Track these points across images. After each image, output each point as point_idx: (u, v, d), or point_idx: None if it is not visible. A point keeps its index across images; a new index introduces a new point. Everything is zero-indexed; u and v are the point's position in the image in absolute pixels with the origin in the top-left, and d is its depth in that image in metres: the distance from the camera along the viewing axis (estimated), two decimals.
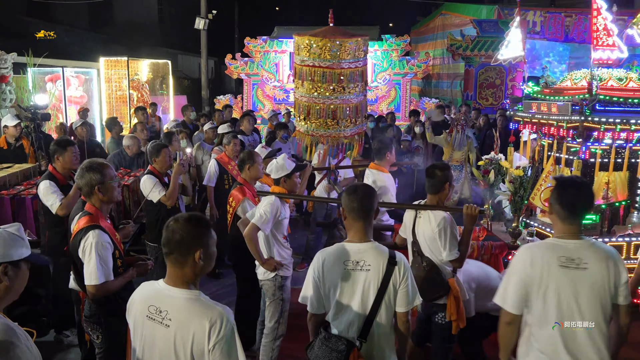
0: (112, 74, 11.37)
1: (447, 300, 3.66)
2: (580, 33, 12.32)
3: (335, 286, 2.79)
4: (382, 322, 2.78)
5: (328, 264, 2.81)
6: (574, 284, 2.54)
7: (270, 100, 13.32)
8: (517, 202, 5.03)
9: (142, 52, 16.41)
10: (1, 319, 1.94)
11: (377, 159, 5.24)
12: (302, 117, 5.84)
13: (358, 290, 2.76)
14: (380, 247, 2.83)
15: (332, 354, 2.73)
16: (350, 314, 2.79)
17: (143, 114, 9.17)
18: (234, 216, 4.65)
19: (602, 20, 4.58)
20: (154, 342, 2.19)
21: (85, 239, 3.12)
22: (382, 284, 2.73)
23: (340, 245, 2.87)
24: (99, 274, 3.08)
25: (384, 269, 2.74)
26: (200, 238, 2.20)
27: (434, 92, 15.94)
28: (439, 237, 3.62)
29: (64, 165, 4.56)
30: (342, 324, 2.81)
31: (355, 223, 2.83)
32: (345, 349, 2.71)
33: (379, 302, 2.74)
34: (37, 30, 16.67)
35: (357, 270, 2.76)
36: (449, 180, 3.74)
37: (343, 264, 2.78)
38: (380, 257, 2.77)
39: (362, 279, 2.75)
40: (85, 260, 3.11)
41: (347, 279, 2.77)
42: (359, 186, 2.94)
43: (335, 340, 2.75)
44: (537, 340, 2.66)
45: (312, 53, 5.47)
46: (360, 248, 2.80)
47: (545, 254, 2.61)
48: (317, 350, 2.80)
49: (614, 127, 4.69)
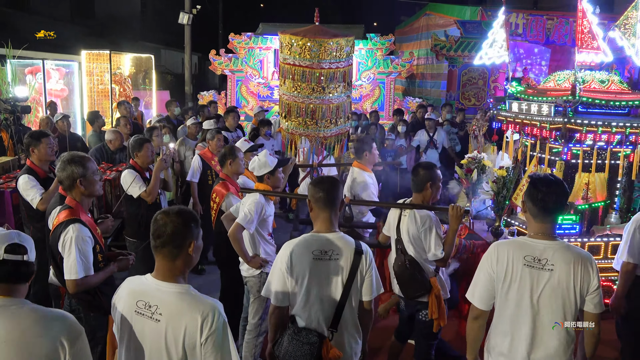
0: (94, 68, 11.21)
1: (429, 298, 3.69)
2: (561, 36, 12.49)
3: (304, 276, 2.80)
4: (351, 311, 2.83)
5: (296, 255, 2.83)
6: (537, 284, 2.54)
7: (254, 97, 13.25)
8: (500, 201, 5.08)
9: (124, 46, 16.20)
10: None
11: (357, 158, 5.27)
12: (284, 115, 5.84)
13: (327, 280, 2.80)
14: (346, 237, 2.88)
15: (303, 347, 2.72)
16: (320, 304, 2.80)
17: (126, 108, 9.06)
18: (218, 212, 4.62)
19: (587, 23, 4.64)
20: (143, 338, 2.17)
21: (65, 233, 3.07)
22: (350, 273, 2.78)
23: (307, 236, 2.90)
24: (79, 268, 3.03)
25: (352, 258, 2.79)
26: (192, 230, 2.20)
27: (418, 92, 16.00)
28: (424, 237, 3.65)
29: (40, 158, 4.48)
30: (312, 315, 2.81)
31: (322, 213, 2.88)
32: (317, 341, 2.72)
33: (348, 291, 2.79)
34: (15, 21, 16.31)
35: (325, 260, 2.80)
36: (432, 180, 3.76)
37: (312, 254, 2.81)
38: (347, 247, 2.82)
39: (331, 268, 2.79)
40: (65, 255, 3.07)
41: (316, 268, 2.80)
42: (324, 178, 3.02)
43: (305, 334, 2.76)
44: (495, 335, 2.72)
45: (293, 52, 5.47)
46: (328, 238, 2.84)
47: (512, 252, 2.62)
48: (287, 346, 2.78)
49: (596, 129, 4.75)
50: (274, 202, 4.31)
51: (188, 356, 2.11)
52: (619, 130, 4.77)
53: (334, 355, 2.72)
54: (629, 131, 4.78)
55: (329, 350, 2.73)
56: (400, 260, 3.76)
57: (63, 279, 3.17)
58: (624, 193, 5.18)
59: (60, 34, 16.85)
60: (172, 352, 2.11)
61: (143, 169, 4.93)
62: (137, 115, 10.34)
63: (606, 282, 5.06)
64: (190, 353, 2.10)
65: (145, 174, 4.94)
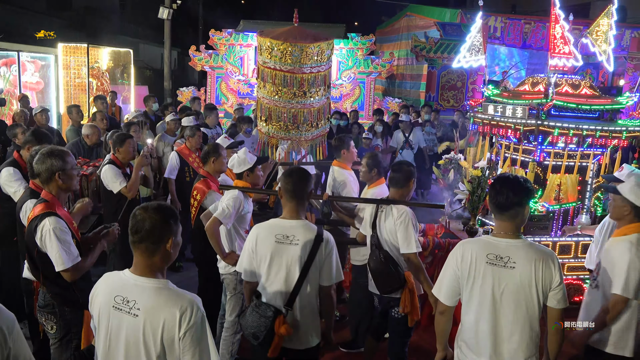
0: (70, 61, 11.04)
1: (402, 293, 3.75)
2: (537, 40, 12.72)
3: (266, 257, 3.06)
4: (307, 294, 3.05)
5: (261, 237, 3.10)
6: (499, 282, 2.63)
7: (234, 94, 13.21)
8: (475, 201, 5.19)
9: (102, 40, 15.95)
10: None
11: (336, 156, 5.32)
12: (264, 119, 5.84)
13: (286, 263, 3.04)
14: (309, 225, 3.11)
15: (260, 319, 3.00)
16: (277, 284, 3.06)
17: (102, 102, 8.95)
18: (199, 209, 4.61)
19: (559, 29, 4.77)
20: (120, 332, 2.17)
21: (41, 227, 3.07)
22: (308, 258, 3.01)
23: (274, 221, 3.17)
24: (65, 258, 3.05)
25: (311, 244, 3.01)
26: (170, 226, 2.21)
27: (397, 92, 16.14)
28: (398, 230, 3.71)
29: None
30: (271, 292, 3.08)
31: (289, 203, 3.13)
32: (273, 315, 2.98)
33: (305, 274, 3.01)
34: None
35: (286, 244, 3.04)
36: (414, 177, 3.87)
37: (274, 237, 3.06)
38: (308, 234, 3.05)
39: (291, 252, 3.03)
40: (47, 249, 3.06)
41: (277, 251, 3.05)
42: (294, 170, 3.24)
43: (264, 308, 3.03)
44: (463, 331, 2.83)
45: (274, 56, 5.45)
46: (291, 224, 3.08)
47: (475, 250, 2.71)
48: (248, 317, 3.07)
49: (567, 132, 4.89)
50: (252, 200, 4.33)
51: (166, 351, 2.11)
52: (590, 133, 4.92)
53: (284, 330, 2.95)
54: (599, 134, 4.93)
55: (281, 325, 2.96)
56: (375, 255, 3.82)
57: (38, 273, 3.17)
58: (593, 194, 5.35)
59: (36, 26, 16.53)
60: (151, 346, 2.11)
61: (123, 165, 4.90)
62: (115, 110, 10.23)
63: (576, 280, 5.23)
64: (169, 348, 2.10)
65: (126, 169, 4.92)
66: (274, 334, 2.97)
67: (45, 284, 3.17)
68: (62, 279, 3.13)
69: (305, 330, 3.11)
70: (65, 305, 3.17)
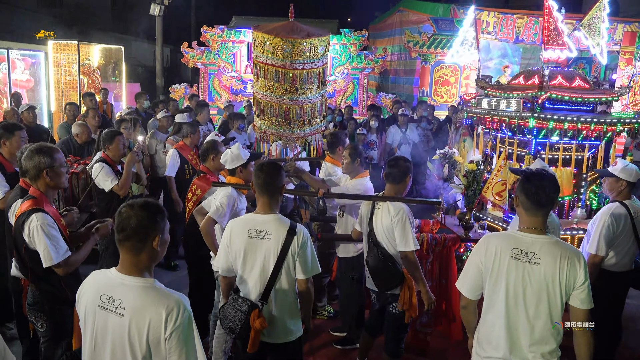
0: (61, 58, 10.91)
1: (401, 290, 3.73)
2: (530, 35, 12.69)
3: (240, 252, 3.08)
4: (282, 287, 3.08)
5: (235, 232, 3.12)
6: (523, 277, 2.60)
7: (227, 91, 13.14)
8: (470, 195, 5.16)
9: (93, 37, 15.83)
10: None
11: (331, 152, 5.26)
12: (257, 114, 5.80)
13: (259, 257, 3.06)
14: (282, 219, 3.12)
15: (236, 313, 3.04)
16: (253, 278, 3.08)
17: (91, 100, 8.85)
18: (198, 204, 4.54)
19: (552, 21, 4.75)
20: (106, 332, 2.13)
21: (29, 223, 3.04)
22: (281, 252, 3.02)
23: (247, 216, 3.22)
24: (54, 254, 3.03)
25: (284, 238, 3.03)
26: (157, 224, 2.17)
27: (391, 88, 16.08)
28: (395, 227, 3.68)
29: (10, 151, 4.32)
30: (247, 287, 3.11)
31: (261, 197, 3.14)
32: (248, 310, 3.01)
33: (279, 268, 3.04)
34: None
35: (259, 239, 3.06)
36: (410, 173, 3.84)
37: (247, 232, 3.08)
38: (281, 228, 3.06)
39: (264, 246, 3.05)
40: (36, 245, 3.05)
41: (250, 246, 3.07)
42: (264, 164, 3.20)
43: (240, 302, 3.06)
44: (483, 324, 2.79)
45: (266, 50, 5.39)
46: (264, 219, 3.10)
47: (500, 245, 2.67)
48: (226, 310, 3.12)
49: (562, 124, 4.87)
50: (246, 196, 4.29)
51: (152, 351, 2.07)
52: (584, 127, 4.90)
53: (259, 324, 2.98)
54: (594, 126, 4.91)
55: (256, 319, 2.98)
56: (373, 252, 3.79)
57: (26, 270, 3.13)
58: (589, 187, 5.33)
59: (26, 23, 16.37)
60: (136, 346, 2.06)
61: (115, 162, 4.84)
62: (107, 107, 10.13)
63: None
64: (155, 348, 2.06)
65: (117, 167, 4.86)
66: (250, 328, 2.99)
67: (34, 282, 3.14)
68: (51, 276, 3.10)
69: (283, 324, 3.12)
70: (54, 303, 3.13)
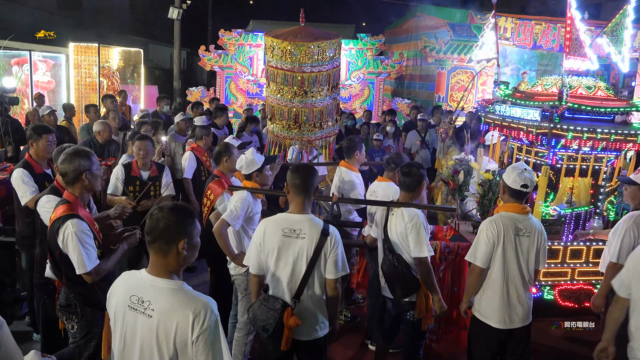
0: (81, 60, 11.09)
1: (417, 297, 3.73)
2: (548, 41, 12.62)
3: (273, 251, 3.15)
4: (314, 286, 3.16)
5: (269, 231, 3.18)
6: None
7: (243, 94, 13.24)
8: (485, 204, 5.15)
9: (112, 40, 16.01)
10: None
11: (347, 157, 5.27)
12: (269, 117, 5.85)
13: (293, 256, 3.12)
14: (315, 219, 3.20)
15: (269, 312, 3.10)
16: (285, 277, 3.14)
17: (112, 101, 8.94)
18: (212, 209, 4.60)
19: (575, 30, 4.71)
20: (135, 333, 2.16)
21: (64, 229, 3.06)
22: (314, 252, 3.09)
23: (281, 215, 3.26)
24: (87, 262, 3.06)
25: (317, 238, 3.10)
26: (184, 228, 2.19)
27: (407, 93, 16.08)
28: (409, 233, 3.68)
29: (37, 153, 4.38)
30: (279, 285, 3.17)
31: (296, 197, 3.20)
32: (281, 308, 3.08)
33: (311, 267, 3.11)
34: (2, 11, 16.06)
35: (293, 238, 3.12)
36: (424, 179, 3.84)
37: (282, 231, 3.14)
38: (314, 228, 3.13)
39: (298, 246, 3.12)
40: (69, 251, 3.07)
41: (284, 245, 3.13)
42: (301, 165, 3.32)
43: (272, 301, 3.13)
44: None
45: (275, 54, 5.44)
46: (298, 219, 3.17)
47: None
48: (256, 310, 3.17)
49: (581, 135, 4.83)
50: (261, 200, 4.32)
51: (179, 354, 2.09)
52: (604, 137, 4.86)
53: (293, 322, 3.04)
54: (614, 138, 4.87)
55: (289, 317, 3.05)
56: (388, 259, 3.79)
57: (60, 273, 3.18)
58: (606, 198, 5.28)
59: (47, 26, 16.62)
60: (164, 348, 2.09)
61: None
62: (125, 109, 10.26)
63: (587, 285, 5.16)
64: (182, 351, 2.08)
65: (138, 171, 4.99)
66: (283, 326, 3.06)
67: (68, 285, 3.18)
68: (84, 280, 3.14)
69: (313, 322, 3.20)
70: (87, 306, 3.19)
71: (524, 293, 3.57)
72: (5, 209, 5.02)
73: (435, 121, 10.24)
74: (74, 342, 3.27)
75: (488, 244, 3.53)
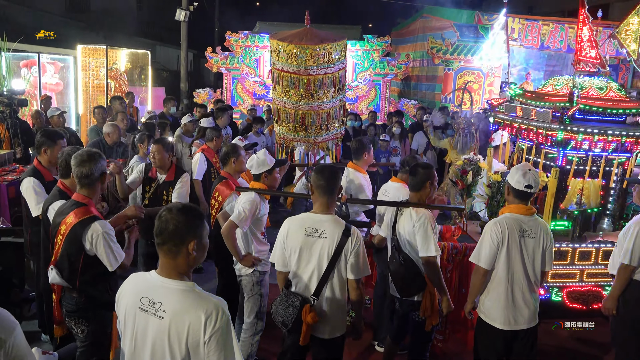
0: (89, 62, 11.13)
1: (423, 297, 3.71)
2: (556, 42, 12.56)
3: (296, 249, 3.23)
4: (334, 285, 3.22)
5: (292, 230, 3.27)
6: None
7: (250, 96, 13.25)
8: (494, 206, 5.11)
9: (119, 42, 16.08)
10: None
11: (355, 158, 5.25)
12: (275, 120, 5.84)
13: (315, 255, 3.19)
14: (338, 220, 3.26)
15: (288, 308, 3.20)
16: (306, 274, 3.22)
17: (121, 103, 8.97)
18: (220, 211, 4.58)
19: (587, 32, 4.66)
20: (146, 334, 2.16)
21: (90, 232, 3.14)
22: (335, 252, 3.15)
23: (305, 215, 3.34)
24: (118, 257, 3.23)
25: (339, 238, 3.16)
26: (194, 229, 2.19)
27: (413, 94, 16.05)
28: (417, 232, 3.68)
29: (50, 160, 4.29)
30: (300, 283, 3.26)
31: (320, 198, 3.27)
32: (300, 305, 3.17)
33: (332, 267, 3.17)
34: (11, 14, 16.19)
35: (315, 237, 3.19)
36: (430, 179, 3.82)
37: (304, 230, 3.22)
38: (337, 228, 3.19)
39: (319, 245, 3.18)
40: (100, 251, 3.16)
41: (306, 243, 3.21)
42: (326, 167, 3.38)
43: (292, 297, 3.22)
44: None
45: (281, 57, 5.42)
46: (321, 218, 3.24)
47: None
48: (278, 305, 3.28)
49: (592, 137, 4.78)
50: None
51: (191, 354, 2.10)
52: (615, 139, 4.81)
53: (311, 319, 3.13)
54: (625, 139, 4.82)
55: (308, 313, 3.14)
56: (394, 258, 3.79)
57: (75, 277, 3.19)
58: (617, 199, 5.23)
59: (56, 28, 16.73)
60: (176, 349, 2.09)
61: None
62: (133, 111, 10.28)
63: (596, 287, 5.11)
64: (194, 351, 2.09)
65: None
66: (302, 322, 3.15)
67: (81, 289, 3.21)
68: (100, 282, 3.23)
69: (331, 320, 3.25)
70: (98, 309, 3.22)
71: (529, 294, 3.54)
72: (14, 210, 5.03)
73: (440, 122, 10.16)
74: (83, 345, 3.29)
75: (492, 245, 3.51)
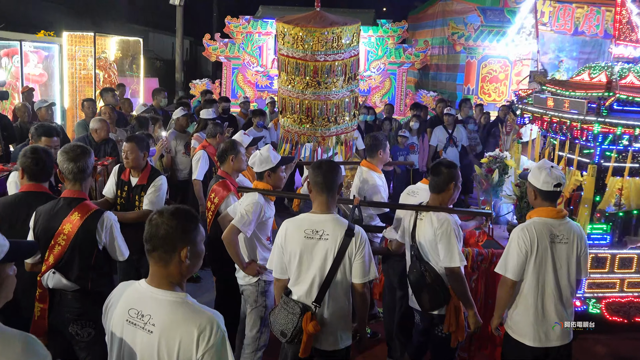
0: (76, 51, 11.16)
1: (447, 310, 3.67)
2: (591, 27, 12.43)
3: (295, 254, 3.23)
4: (337, 291, 3.21)
5: (290, 232, 3.27)
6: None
7: (251, 87, 13.25)
8: (523, 207, 5.07)
9: (109, 28, 16.18)
10: None
11: (369, 156, 5.19)
12: (280, 111, 5.80)
13: (316, 258, 3.18)
14: (340, 219, 3.26)
15: (288, 316, 3.18)
16: (307, 280, 3.21)
17: (113, 95, 8.97)
18: (217, 214, 4.56)
19: (626, 13, 4.61)
20: (133, 350, 2.14)
21: (103, 223, 3.38)
22: (338, 254, 3.15)
23: (303, 215, 3.33)
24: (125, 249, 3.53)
25: (341, 239, 3.15)
26: (187, 234, 2.17)
27: (432, 85, 15.96)
28: (439, 240, 3.63)
29: None
30: (301, 289, 3.23)
31: (319, 196, 3.27)
32: (300, 313, 3.15)
33: (335, 271, 3.16)
34: None
35: (315, 239, 3.19)
36: (454, 180, 3.76)
37: (303, 232, 3.21)
38: (338, 228, 3.18)
39: (320, 247, 3.18)
40: (115, 240, 3.46)
41: (306, 247, 3.20)
42: (323, 162, 3.40)
43: (292, 305, 3.20)
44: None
45: (286, 42, 5.38)
46: (320, 219, 3.23)
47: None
48: (277, 314, 3.27)
49: (633, 130, 4.72)
50: None
51: None
52: None
53: (312, 328, 3.10)
54: None
55: (309, 322, 3.11)
56: (415, 267, 3.75)
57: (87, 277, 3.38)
58: None
59: (36, 12, 16.83)
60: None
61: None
62: (126, 103, 10.30)
63: (638, 298, 5.07)
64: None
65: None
66: (302, 331, 3.13)
67: (91, 286, 3.38)
68: (106, 277, 3.47)
69: (334, 331, 3.25)
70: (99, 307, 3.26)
71: (562, 307, 3.48)
72: None
73: (462, 116, 10.12)
74: (88, 347, 3.41)
75: (520, 254, 3.45)
